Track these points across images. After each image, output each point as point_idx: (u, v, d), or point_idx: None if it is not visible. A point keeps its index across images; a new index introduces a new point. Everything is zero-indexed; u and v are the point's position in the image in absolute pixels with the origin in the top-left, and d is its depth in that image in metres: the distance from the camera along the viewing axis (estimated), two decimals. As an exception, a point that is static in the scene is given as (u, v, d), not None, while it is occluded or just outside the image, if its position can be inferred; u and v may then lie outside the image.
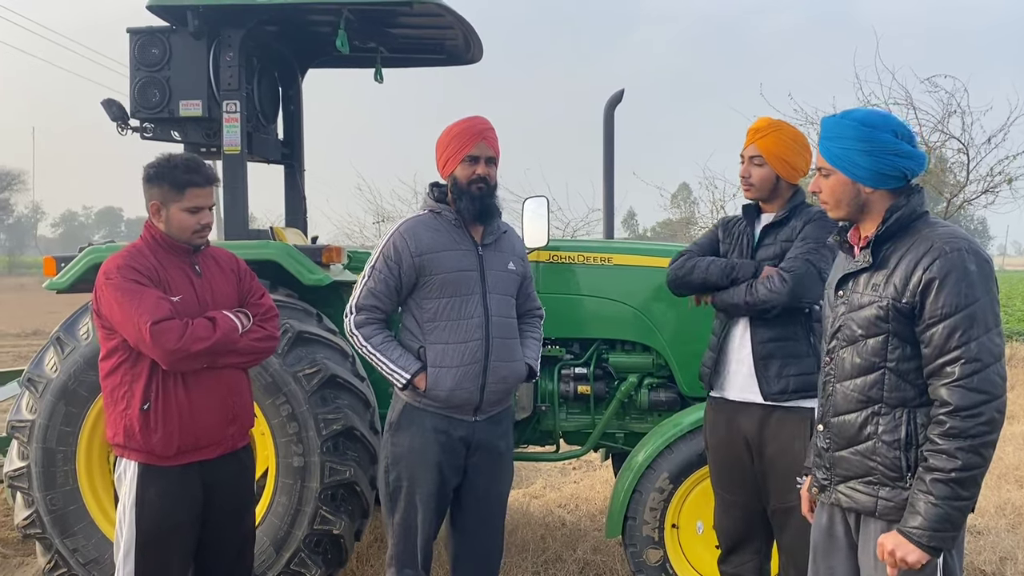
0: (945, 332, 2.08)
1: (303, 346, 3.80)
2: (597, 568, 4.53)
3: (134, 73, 4.17)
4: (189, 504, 2.84)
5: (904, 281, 2.15)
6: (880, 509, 2.21)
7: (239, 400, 2.95)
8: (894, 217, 2.22)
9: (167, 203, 2.82)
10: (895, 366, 2.19)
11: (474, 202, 2.98)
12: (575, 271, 4.30)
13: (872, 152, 2.22)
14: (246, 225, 4.24)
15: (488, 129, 3.01)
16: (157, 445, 2.76)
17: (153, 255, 2.84)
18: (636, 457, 3.84)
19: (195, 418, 2.80)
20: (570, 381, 4.30)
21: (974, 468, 2.06)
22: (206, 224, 2.87)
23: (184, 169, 2.82)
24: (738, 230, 3.23)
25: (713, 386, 3.17)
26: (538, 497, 6.16)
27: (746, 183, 3.12)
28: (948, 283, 2.09)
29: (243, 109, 4.13)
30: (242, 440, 3.02)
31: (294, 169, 5.11)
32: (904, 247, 2.20)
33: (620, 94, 4.69)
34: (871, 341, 2.22)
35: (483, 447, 3.08)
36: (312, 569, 3.77)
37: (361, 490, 3.82)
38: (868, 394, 2.23)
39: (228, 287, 2.98)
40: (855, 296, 2.28)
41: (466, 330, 2.97)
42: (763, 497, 3.07)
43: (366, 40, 4.54)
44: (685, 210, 27.02)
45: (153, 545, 2.79)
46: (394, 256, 2.97)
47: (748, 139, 3.11)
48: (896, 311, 2.16)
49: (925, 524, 2.07)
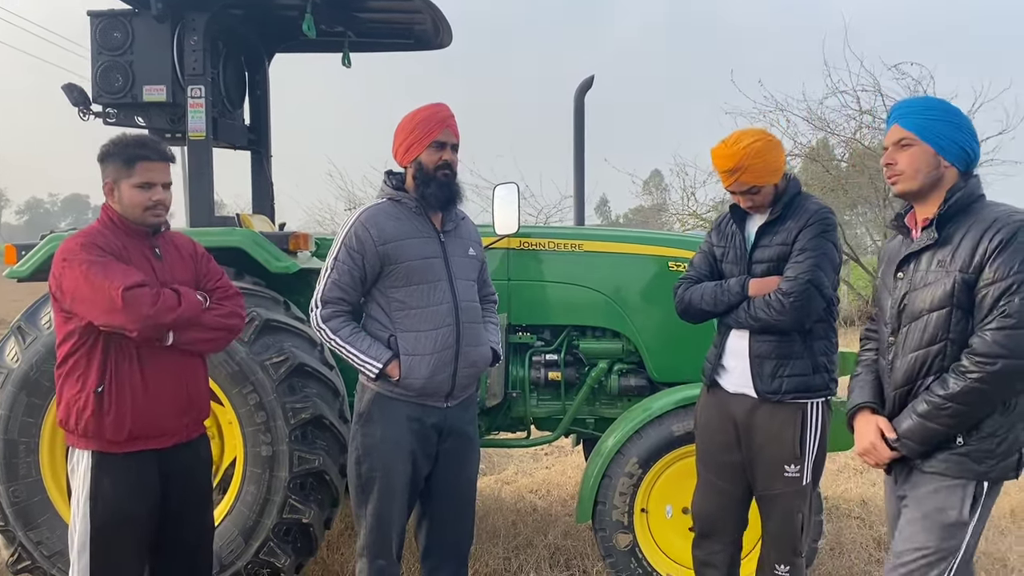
0: (996, 293, 2.24)
1: (270, 334, 3.76)
2: (567, 553, 4.56)
3: (96, 57, 4.09)
4: (144, 495, 2.77)
5: (971, 253, 2.30)
6: (928, 464, 2.39)
7: (195, 389, 2.89)
8: (955, 197, 2.38)
9: (119, 181, 2.75)
10: (956, 337, 2.34)
11: (442, 188, 2.97)
12: (546, 258, 4.29)
13: (960, 128, 2.41)
14: (212, 212, 4.19)
15: (451, 116, 3.01)
16: (108, 428, 2.69)
17: (113, 236, 2.76)
18: (606, 442, 3.86)
19: (149, 403, 2.73)
20: (541, 367, 4.30)
21: (960, 404, 2.28)
22: (158, 201, 2.77)
23: (135, 145, 2.75)
24: (729, 230, 3.13)
25: (712, 378, 3.13)
26: (509, 483, 6.18)
27: (748, 204, 3.01)
28: (1007, 252, 2.25)
29: (208, 94, 4.07)
30: (196, 430, 2.95)
31: (261, 155, 5.05)
32: (967, 224, 2.35)
33: (590, 80, 4.68)
34: (935, 315, 2.36)
35: (454, 433, 3.07)
36: (281, 558, 3.75)
37: (331, 479, 3.80)
38: (930, 363, 2.38)
39: (187, 273, 2.92)
40: (918, 275, 2.42)
41: (437, 317, 2.95)
42: (748, 484, 3.08)
43: (333, 24, 4.49)
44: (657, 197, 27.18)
45: (108, 538, 2.72)
46: (357, 246, 2.92)
47: (730, 177, 2.93)
48: (964, 283, 2.31)
49: (909, 434, 2.38)
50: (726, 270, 3.11)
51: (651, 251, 4.26)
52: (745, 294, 2.96)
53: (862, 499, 5.65)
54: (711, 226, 3.30)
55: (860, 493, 5.81)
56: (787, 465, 2.95)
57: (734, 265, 3.07)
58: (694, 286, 3.14)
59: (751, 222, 3.09)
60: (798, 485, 2.97)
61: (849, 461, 6.52)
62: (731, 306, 2.99)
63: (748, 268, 3.02)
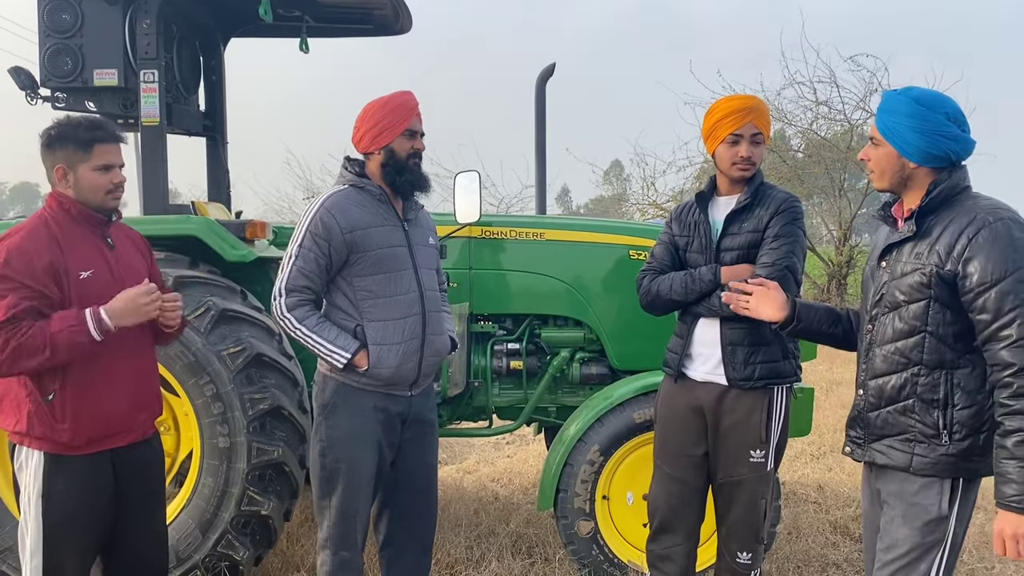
0: (998, 297, 2.16)
1: (227, 324, 3.69)
2: (529, 541, 4.57)
3: (43, 40, 3.97)
4: (99, 495, 2.66)
5: (948, 249, 2.25)
6: (915, 465, 2.32)
7: (148, 387, 2.80)
8: (937, 189, 2.32)
9: (74, 165, 2.61)
10: (935, 330, 2.29)
11: (414, 176, 2.97)
12: (508, 246, 4.28)
13: (921, 131, 2.30)
14: (166, 199, 4.09)
15: (418, 104, 3.02)
16: (63, 434, 2.57)
17: (59, 229, 2.61)
18: (568, 430, 3.87)
19: (104, 406, 2.62)
20: (503, 357, 4.29)
21: None
22: (119, 184, 2.67)
23: (88, 127, 2.63)
24: (692, 219, 3.09)
25: (678, 368, 3.08)
26: (471, 472, 6.18)
27: (746, 163, 2.94)
28: (995, 250, 2.17)
29: (162, 79, 3.97)
30: (151, 427, 2.85)
31: (216, 141, 4.95)
32: (947, 218, 2.29)
33: (551, 68, 4.67)
34: (913, 306, 2.32)
35: (416, 420, 3.07)
36: (240, 551, 3.70)
37: (290, 470, 3.75)
38: (908, 356, 2.34)
39: (140, 264, 2.82)
40: (898, 265, 2.38)
41: (404, 306, 2.93)
42: (710, 472, 3.06)
43: (290, 9, 4.40)
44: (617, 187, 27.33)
45: (61, 539, 2.60)
46: (323, 233, 2.86)
47: (741, 117, 2.91)
48: (939, 277, 2.26)
49: (1021, 488, 2.13)
50: (691, 259, 3.08)
51: (612, 240, 4.27)
52: (717, 282, 2.93)
53: (819, 484, 5.75)
54: (669, 216, 3.29)
55: (817, 478, 5.91)
56: (752, 450, 2.96)
57: (699, 254, 3.04)
58: (659, 276, 3.10)
59: (716, 210, 3.07)
60: (763, 471, 2.99)
61: (806, 447, 6.63)
62: (702, 295, 2.97)
63: (716, 256, 3.00)
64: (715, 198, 3.09)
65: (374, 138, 2.94)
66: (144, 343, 2.79)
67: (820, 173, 15.59)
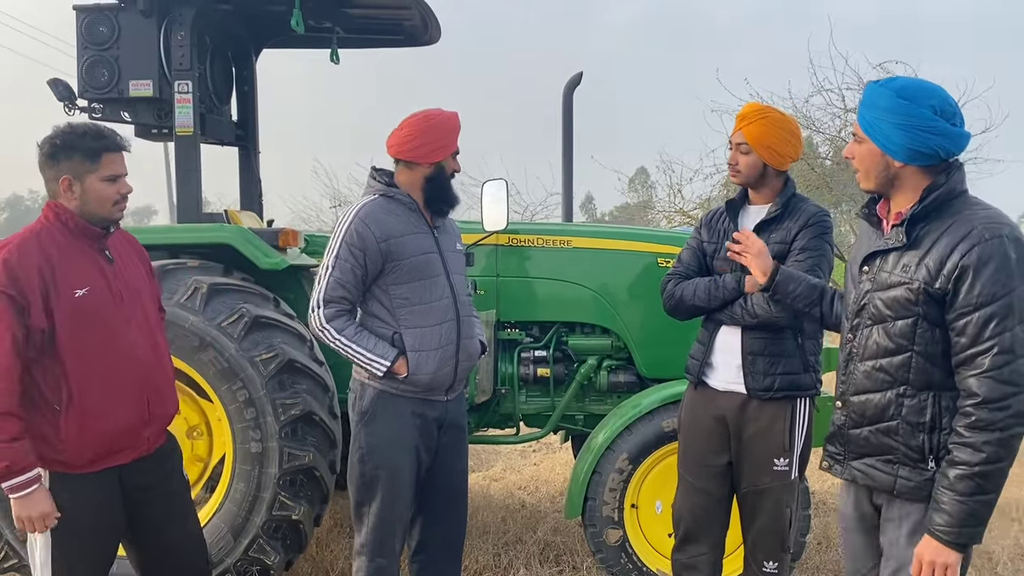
0: (980, 321, 2.01)
1: (259, 331, 3.74)
2: (557, 549, 4.57)
3: (81, 52, 4.07)
4: (107, 510, 2.60)
5: (938, 265, 2.07)
6: (899, 488, 2.19)
7: (156, 397, 2.67)
8: (931, 197, 2.12)
9: (81, 175, 2.51)
10: (923, 349, 2.13)
11: (453, 193, 3.10)
12: (534, 254, 4.30)
13: (904, 126, 2.10)
14: (199, 208, 4.17)
15: None
16: (67, 455, 2.51)
17: (54, 243, 2.51)
18: (596, 438, 3.87)
19: (107, 425, 2.54)
20: (530, 364, 4.31)
21: (1000, 461, 2.02)
22: (126, 194, 2.59)
23: (94, 136, 2.53)
24: (722, 227, 3.10)
25: (699, 376, 3.09)
26: (498, 480, 6.19)
27: (733, 169, 3.03)
28: (986, 271, 2.00)
29: (196, 89, 4.05)
30: (159, 440, 2.75)
31: (248, 151, 5.02)
32: (940, 228, 2.10)
33: (579, 77, 4.69)
34: (899, 323, 2.15)
35: (452, 425, 3.11)
36: (271, 555, 3.74)
37: (321, 475, 3.79)
38: (894, 375, 2.18)
39: (139, 276, 2.73)
40: (883, 275, 2.20)
41: (439, 311, 2.97)
42: (734, 481, 3.06)
43: (322, 20, 4.48)
44: (642, 194, 27.22)
45: (71, 555, 2.54)
46: (358, 243, 2.89)
47: (736, 125, 3.00)
48: (927, 295, 2.08)
49: (952, 521, 2.04)
50: (717, 266, 3.09)
51: (640, 247, 4.27)
52: (741, 290, 2.94)
53: (848, 494, 5.68)
54: (699, 222, 3.29)
55: (846, 488, 5.84)
56: (776, 459, 2.96)
57: (725, 262, 3.03)
58: (684, 281, 3.11)
59: (746, 218, 3.08)
60: (787, 479, 2.98)
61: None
62: (725, 302, 2.98)
63: (741, 265, 2.98)
64: (746, 207, 3.11)
65: (429, 152, 2.98)
66: (157, 353, 2.72)
67: (848, 180, 15.45)
